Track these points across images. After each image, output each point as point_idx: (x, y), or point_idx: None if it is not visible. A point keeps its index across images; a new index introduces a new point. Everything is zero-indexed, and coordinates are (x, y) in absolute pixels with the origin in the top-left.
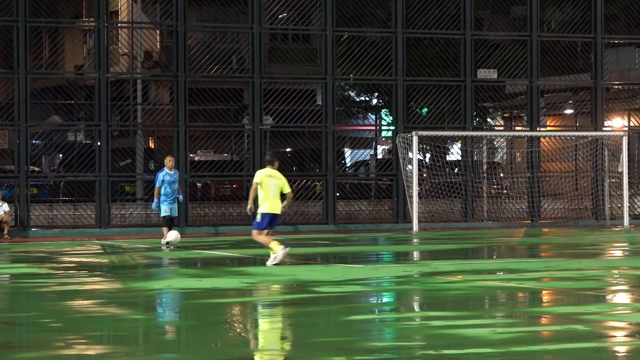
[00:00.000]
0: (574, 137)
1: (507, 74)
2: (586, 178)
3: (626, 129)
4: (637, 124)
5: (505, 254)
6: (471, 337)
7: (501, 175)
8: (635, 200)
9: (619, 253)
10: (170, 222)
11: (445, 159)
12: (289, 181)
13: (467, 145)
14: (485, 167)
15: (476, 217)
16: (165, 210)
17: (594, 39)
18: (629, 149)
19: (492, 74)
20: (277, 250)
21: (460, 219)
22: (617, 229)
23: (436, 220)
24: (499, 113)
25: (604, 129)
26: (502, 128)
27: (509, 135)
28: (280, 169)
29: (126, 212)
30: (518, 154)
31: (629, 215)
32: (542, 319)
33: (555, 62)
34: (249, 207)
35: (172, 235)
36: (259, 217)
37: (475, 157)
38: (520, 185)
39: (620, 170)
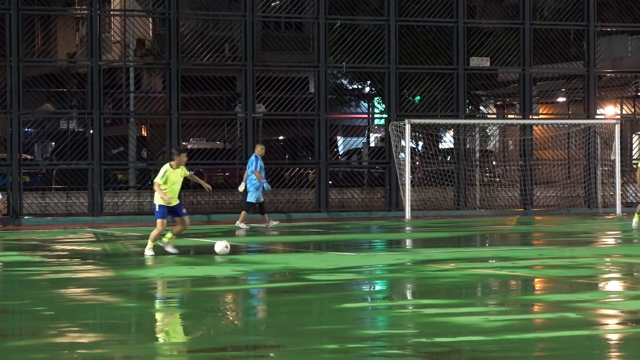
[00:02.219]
0: (566, 125)
1: (499, 62)
2: (578, 166)
3: (618, 117)
4: (629, 112)
5: (497, 241)
6: (464, 325)
7: (494, 163)
8: (628, 188)
9: (611, 241)
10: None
11: (437, 147)
12: (281, 169)
13: (459, 133)
14: (477, 155)
15: (469, 205)
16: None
17: (587, 26)
18: (621, 137)
19: (485, 62)
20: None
21: (453, 207)
22: (610, 217)
23: (429, 208)
24: (491, 101)
25: (597, 117)
26: (494, 116)
27: (501, 123)
28: (273, 157)
29: (119, 200)
30: (510, 142)
31: (621, 203)
32: (535, 306)
33: (547, 50)
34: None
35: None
36: None
37: (467, 145)
38: (513, 173)
39: (612, 158)
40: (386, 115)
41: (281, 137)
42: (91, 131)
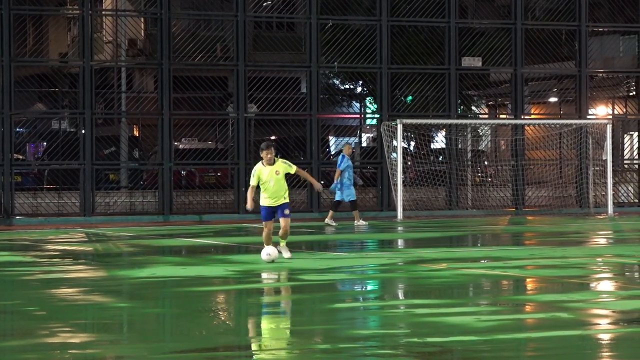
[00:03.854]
0: (558, 125)
1: (491, 62)
2: (570, 166)
3: (610, 117)
4: (621, 112)
5: (489, 241)
6: (455, 324)
7: (485, 163)
8: (620, 188)
9: (603, 241)
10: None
11: (429, 147)
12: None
13: (451, 133)
14: (469, 155)
15: (460, 205)
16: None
17: (579, 27)
18: (612, 137)
19: (477, 62)
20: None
21: (445, 207)
22: (601, 217)
23: (420, 208)
24: (483, 101)
25: (588, 117)
26: (486, 116)
27: (493, 123)
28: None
29: (110, 200)
30: (502, 142)
31: (613, 203)
32: (526, 306)
33: (539, 50)
34: None
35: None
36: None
37: (459, 145)
38: (505, 173)
39: (604, 158)
40: (378, 115)
41: (273, 137)
42: (83, 131)
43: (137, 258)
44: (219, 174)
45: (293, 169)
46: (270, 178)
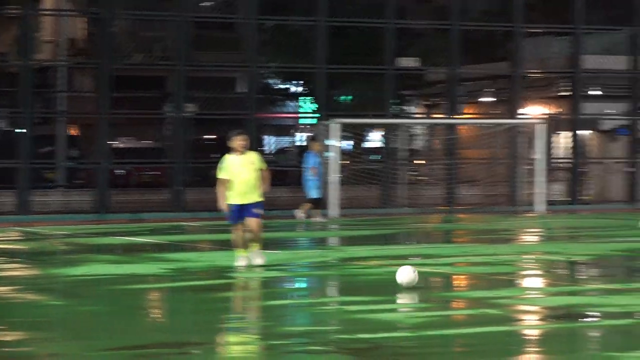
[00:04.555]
0: (491, 125)
1: (428, 62)
2: (502, 165)
3: (543, 116)
4: (553, 112)
5: (421, 239)
6: (386, 321)
7: (420, 162)
8: (550, 186)
9: (532, 239)
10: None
11: (366, 145)
12: (211, 167)
13: (388, 132)
14: (404, 153)
15: (394, 203)
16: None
17: (513, 28)
18: (544, 136)
19: (414, 63)
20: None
21: (379, 205)
22: (532, 215)
23: (355, 206)
24: (419, 101)
25: (522, 116)
26: (422, 116)
27: (428, 123)
28: (203, 157)
29: (47, 199)
30: (437, 141)
31: (544, 201)
32: (456, 303)
33: (475, 50)
34: None
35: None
36: None
37: (395, 144)
38: (438, 172)
39: (535, 157)
40: (316, 115)
41: (212, 136)
42: (21, 130)
43: (72, 256)
44: (157, 172)
45: (265, 166)
46: (242, 168)
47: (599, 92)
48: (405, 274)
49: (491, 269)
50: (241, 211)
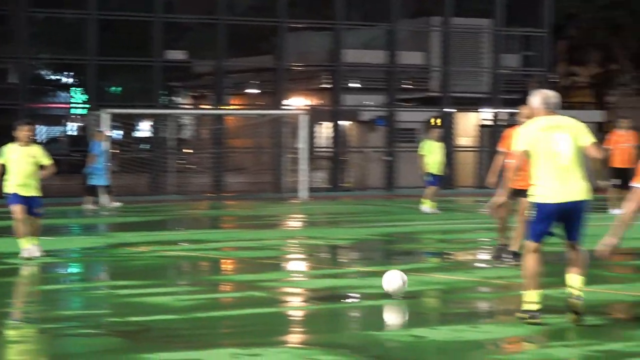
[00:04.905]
0: (257, 115)
1: (195, 54)
2: (267, 153)
3: (306, 108)
4: (315, 103)
5: (190, 225)
6: (156, 304)
7: (188, 150)
8: (312, 174)
9: (296, 224)
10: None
11: (136, 135)
12: None
13: (157, 122)
14: (173, 143)
15: (164, 191)
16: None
17: (277, 23)
18: (307, 126)
19: (181, 55)
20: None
21: (149, 193)
22: (295, 201)
23: (125, 194)
24: (187, 92)
25: (286, 107)
26: (189, 106)
27: (195, 113)
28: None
29: None
30: (204, 131)
31: (307, 188)
32: (223, 286)
33: (241, 44)
34: None
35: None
36: None
37: (164, 134)
38: (206, 160)
39: (299, 146)
40: (86, 106)
41: None
42: None
43: None
44: None
45: (49, 162)
46: (21, 160)
47: (358, 85)
48: (394, 283)
49: (257, 253)
50: (23, 201)
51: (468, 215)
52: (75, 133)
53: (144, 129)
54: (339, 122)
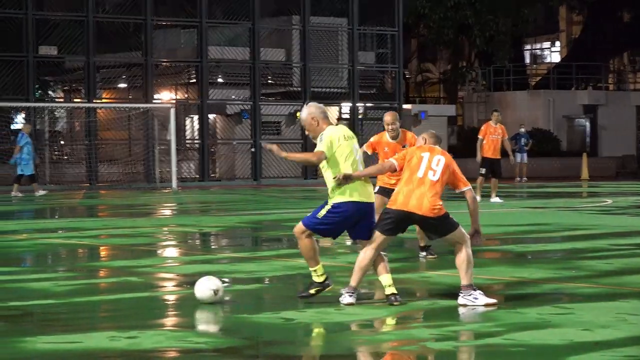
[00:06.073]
0: (127, 109)
1: (67, 50)
2: (139, 145)
3: (174, 101)
4: (182, 97)
5: (66, 214)
6: (35, 289)
7: (62, 142)
8: (182, 165)
9: (168, 212)
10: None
11: (10, 128)
12: None
13: (30, 115)
14: (47, 135)
15: (40, 181)
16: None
17: (145, 20)
18: (176, 119)
19: (53, 51)
20: None
21: (26, 182)
22: (167, 191)
23: (1, 184)
24: (59, 86)
25: (154, 101)
26: (62, 100)
27: (68, 107)
28: None
29: None
30: (77, 124)
31: (177, 178)
32: (100, 272)
33: (110, 40)
34: None
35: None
36: None
37: (38, 126)
38: (80, 151)
39: (168, 138)
40: None
41: None
42: None
43: None
44: None
45: None
46: None
47: (223, 80)
48: (204, 293)
49: (131, 240)
50: None
51: None
52: None
53: (19, 121)
54: (207, 115)
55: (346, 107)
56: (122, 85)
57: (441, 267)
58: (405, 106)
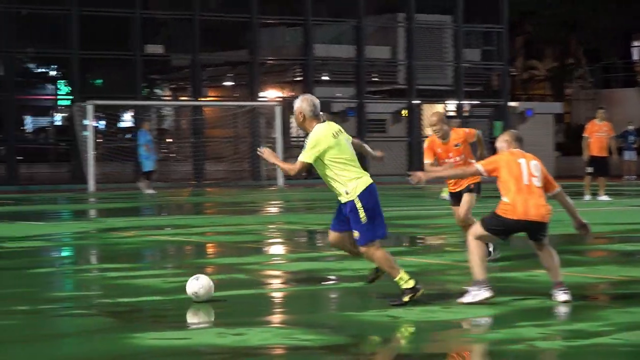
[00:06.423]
0: (233, 107)
1: (173, 49)
2: (245, 143)
3: (279, 99)
4: (288, 96)
5: (173, 211)
6: (144, 286)
7: (169, 140)
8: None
9: (274, 210)
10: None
11: (118, 125)
12: None
13: (138, 113)
14: (154, 133)
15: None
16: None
17: (250, 18)
18: (281, 117)
19: (159, 49)
20: None
21: (133, 180)
22: (273, 189)
23: (110, 181)
24: (166, 84)
25: (260, 99)
26: (169, 98)
27: (174, 105)
28: None
29: None
30: (183, 122)
31: (283, 176)
32: (207, 269)
33: (216, 39)
34: None
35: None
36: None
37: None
38: (186, 149)
39: (274, 136)
40: (71, 97)
41: None
42: None
43: None
44: None
45: None
46: None
47: (328, 78)
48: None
49: (238, 237)
50: None
51: (435, 202)
52: (60, 123)
53: (127, 119)
54: None
55: (451, 104)
56: (228, 83)
57: None
58: (511, 104)
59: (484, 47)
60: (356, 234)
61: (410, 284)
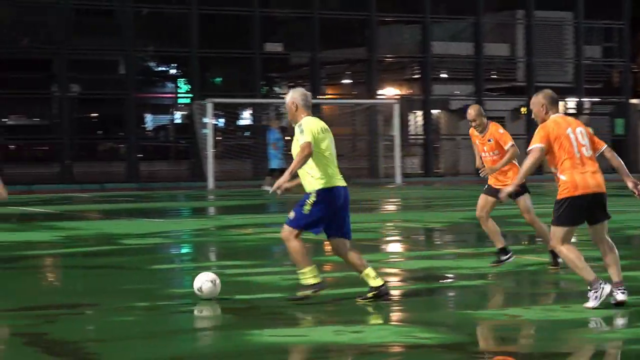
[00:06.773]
0: (351, 105)
1: (291, 47)
2: (363, 140)
3: (398, 97)
4: (406, 93)
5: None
6: (262, 283)
7: (287, 138)
8: (406, 160)
9: (392, 208)
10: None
11: (237, 123)
12: (95, 143)
13: (256, 111)
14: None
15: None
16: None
17: (369, 16)
18: (400, 115)
19: (278, 47)
20: None
21: (251, 177)
22: (391, 187)
23: (229, 179)
24: (284, 82)
25: (378, 97)
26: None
27: None
28: (87, 133)
29: None
30: None
31: (401, 174)
32: (325, 266)
33: (334, 36)
34: None
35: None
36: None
37: (264, 122)
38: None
39: (393, 133)
40: (190, 95)
41: (94, 114)
42: None
43: None
44: (46, 147)
45: None
46: None
47: (447, 75)
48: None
49: (356, 235)
50: None
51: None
52: (180, 121)
53: (245, 117)
54: (430, 111)
55: (572, 102)
56: (346, 81)
57: None
58: (632, 101)
59: (605, 44)
60: (291, 214)
61: (311, 281)
